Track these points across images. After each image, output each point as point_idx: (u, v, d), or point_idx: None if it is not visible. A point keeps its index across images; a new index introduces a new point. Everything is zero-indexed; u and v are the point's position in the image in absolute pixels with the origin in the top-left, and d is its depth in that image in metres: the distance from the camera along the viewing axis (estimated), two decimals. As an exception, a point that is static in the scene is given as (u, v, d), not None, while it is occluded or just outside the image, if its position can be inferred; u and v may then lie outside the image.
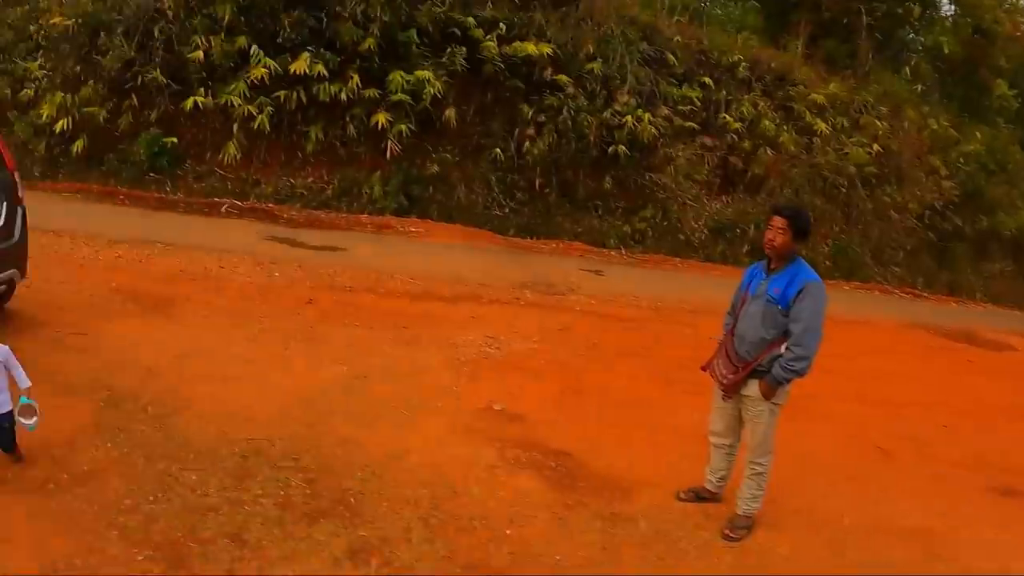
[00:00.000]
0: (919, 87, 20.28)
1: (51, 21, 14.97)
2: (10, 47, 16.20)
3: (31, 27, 15.73)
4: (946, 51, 20.99)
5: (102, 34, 14.40)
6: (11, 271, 5.79)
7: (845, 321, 10.94)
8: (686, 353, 7.11)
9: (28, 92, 15.20)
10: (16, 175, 5.95)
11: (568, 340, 7.57)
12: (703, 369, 4.52)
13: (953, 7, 21.56)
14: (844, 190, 16.50)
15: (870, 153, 16.78)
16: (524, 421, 5.49)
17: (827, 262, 16.20)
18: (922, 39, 22.46)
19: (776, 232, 3.99)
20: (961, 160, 20.37)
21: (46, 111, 14.41)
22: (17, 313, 6.30)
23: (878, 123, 17.49)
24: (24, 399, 3.64)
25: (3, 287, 5.85)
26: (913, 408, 7.56)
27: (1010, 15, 22.35)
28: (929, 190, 18.92)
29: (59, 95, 14.43)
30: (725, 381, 4.27)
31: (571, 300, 9.43)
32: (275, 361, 5.99)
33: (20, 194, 5.92)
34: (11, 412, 3.73)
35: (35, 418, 3.67)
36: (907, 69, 20.07)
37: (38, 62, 15.42)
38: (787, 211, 4.07)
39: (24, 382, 3.70)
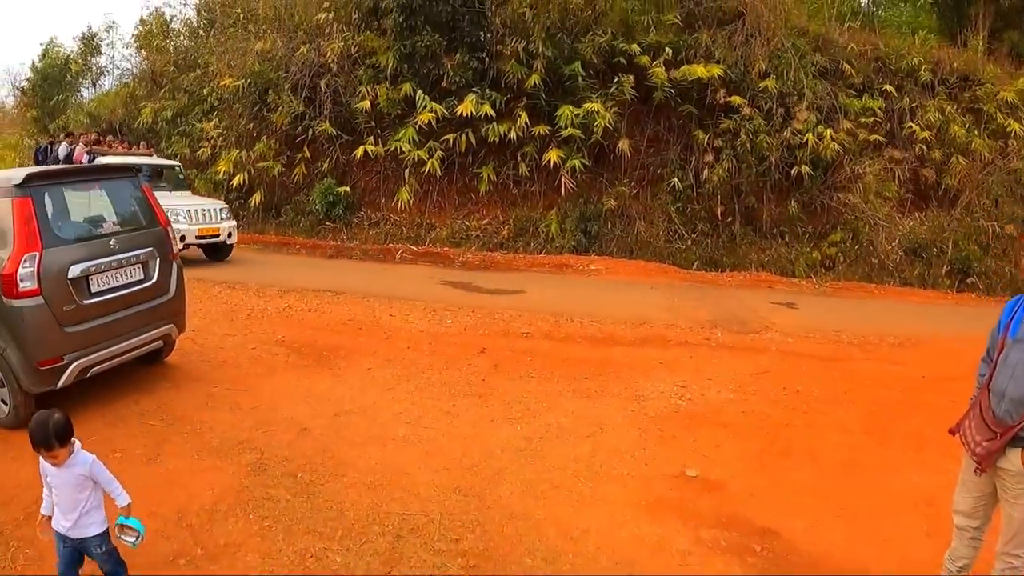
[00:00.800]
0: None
1: (222, 83, 15.84)
2: (187, 110, 17.31)
3: (204, 90, 16.71)
4: None
5: (271, 91, 15.07)
6: (168, 326, 5.80)
7: None
8: (898, 396, 6.42)
9: (205, 150, 16.14)
10: (170, 230, 5.98)
11: (767, 386, 6.66)
12: (952, 432, 3.61)
13: None
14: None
15: (1074, 150, 15.12)
16: (722, 491, 4.65)
17: (1032, 277, 14.68)
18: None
19: None
20: None
21: (223, 167, 15.22)
22: (177, 367, 6.26)
23: (1073, 117, 15.76)
24: (123, 518, 3.09)
25: (160, 343, 5.82)
26: None
27: None
28: None
29: (234, 152, 15.22)
30: (979, 449, 3.36)
31: (765, 339, 8.62)
32: (440, 420, 5.46)
33: (174, 250, 5.89)
34: (106, 533, 3.16)
35: (137, 537, 3.08)
36: (1102, 52, 17.92)
37: (212, 122, 16.36)
38: None
39: (122, 499, 3.10)
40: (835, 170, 12.95)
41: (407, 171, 13.30)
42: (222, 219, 11.69)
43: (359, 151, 13.65)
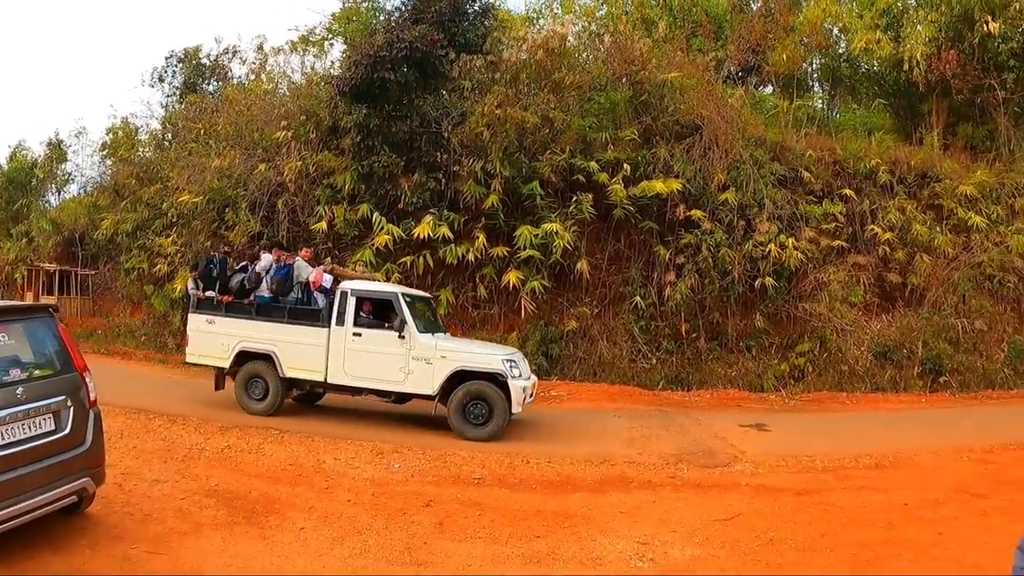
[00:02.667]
0: (1074, 156, 18.38)
1: (181, 199, 15.64)
2: (147, 223, 17.08)
3: (164, 204, 16.48)
4: (1096, 111, 19.20)
5: (228, 209, 14.88)
6: (83, 480, 5.31)
7: None
8: (881, 535, 6.12)
9: (162, 267, 15.86)
10: (87, 376, 5.51)
11: (737, 535, 6.20)
12: None
13: (1093, 64, 19.70)
14: (1013, 286, 14.88)
15: (1036, 240, 15.16)
16: None
17: (1005, 370, 14.51)
18: (1065, 104, 20.67)
19: None
20: None
21: (179, 285, 14.88)
22: (98, 521, 5.77)
23: (1037, 204, 15.89)
24: None
25: (74, 498, 5.36)
26: None
27: None
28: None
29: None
30: None
31: (735, 472, 8.28)
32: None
33: (92, 396, 5.48)
34: None
35: None
36: (1058, 140, 18.25)
37: (171, 238, 16.11)
38: None
39: None
40: (799, 279, 12.96)
41: (364, 293, 13.05)
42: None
43: (317, 273, 13.39)
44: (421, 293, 10.64)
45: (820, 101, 20.18)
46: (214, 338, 9.92)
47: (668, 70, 14.56)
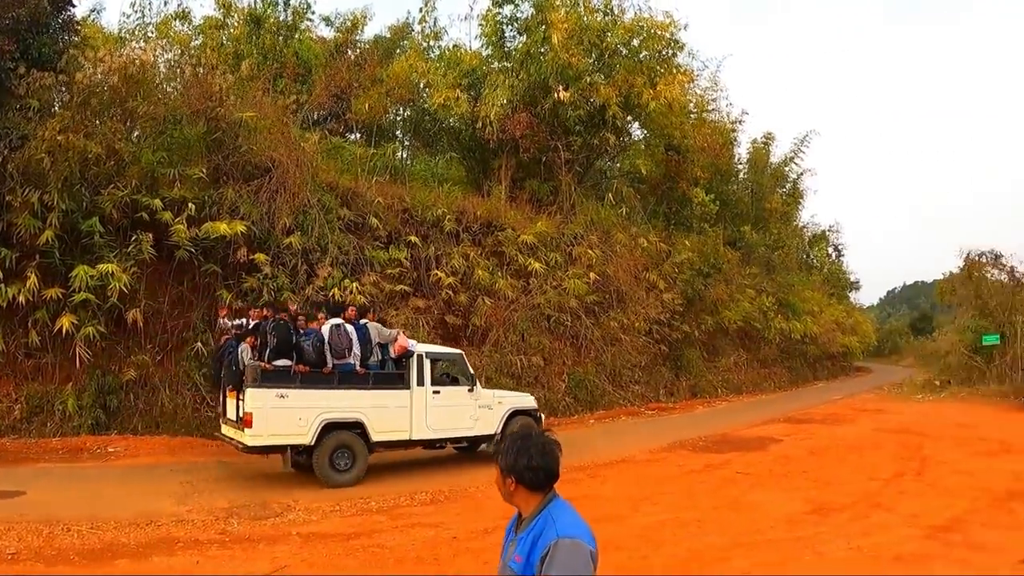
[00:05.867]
0: (624, 210, 25.52)
1: None
2: None
3: None
4: (644, 172, 26.85)
5: None
6: None
7: (603, 464, 13.31)
8: (428, 571, 7.43)
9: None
10: None
11: None
12: None
13: (644, 131, 27.46)
14: (569, 324, 20.33)
15: (588, 283, 21.07)
16: None
17: (566, 399, 19.79)
18: (620, 165, 28.25)
19: (498, 485, 3.17)
20: (676, 270, 25.85)
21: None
22: None
23: (591, 252, 22.20)
24: None
25: None
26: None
27: (697, 128, 28.92)
28: (652, 305, 23.93)
29: None
30: None
31: (287, 521, 9.35)
32: None
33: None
34: None
35: None
36: (610, 195, 25.30)
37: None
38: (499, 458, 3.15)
39: None
40: (357, 324, 16.26)
41: None
42: None
43: None
44: (452, 350, 13.93)
45: (404, 151, 24.75)
46: (289, 413, 10.86)
47: (246, 109, 16.79)
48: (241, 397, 11.15)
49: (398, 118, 24.75)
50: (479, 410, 12.96)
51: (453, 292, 18.10)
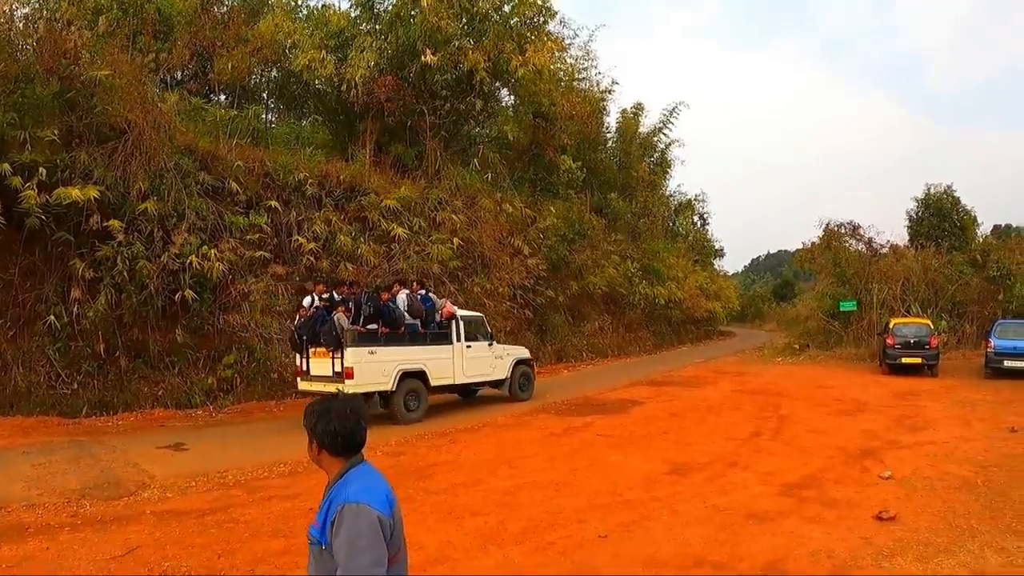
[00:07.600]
0: (490, 176, 25.89)
1: None
2: None
3: None
4: (511, 138, 27.27)
5: None
6: None
7: (464, 430, 13.70)
8: (281, 545, 7.32)
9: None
10: None
11: (135, 572, 6.82)
12: None
13: (513, 97, 27.76)
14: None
15: (452, 248, 21.32)
16: None
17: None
18: (487, 131, 28.49)
19: (308, 449, 3.16)
20: (541, 236, 26.46)
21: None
22: None
23: (455, 217, 22.57)
24: None
25: None
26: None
27: (566, 96, 29.48)
28: (516, 271, 24.51)
29: None
30: None
31: (141, 501, 9.13)
32: None
33: None
34: None
35: None
36: (476, 161, 25.58)
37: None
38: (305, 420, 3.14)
39: None
40: (223, 291, 16.18)
41: None
42: None
43: None
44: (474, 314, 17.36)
45: (269, 114, 24.17)
46: (376, 366, 13.80)
47: (102, 67, 15.84)
48: (339, 356, 13.60)
49: (264, 79, 24.21)
50: (496, 360, 16.78)
51: (315, 258, 18.12)
